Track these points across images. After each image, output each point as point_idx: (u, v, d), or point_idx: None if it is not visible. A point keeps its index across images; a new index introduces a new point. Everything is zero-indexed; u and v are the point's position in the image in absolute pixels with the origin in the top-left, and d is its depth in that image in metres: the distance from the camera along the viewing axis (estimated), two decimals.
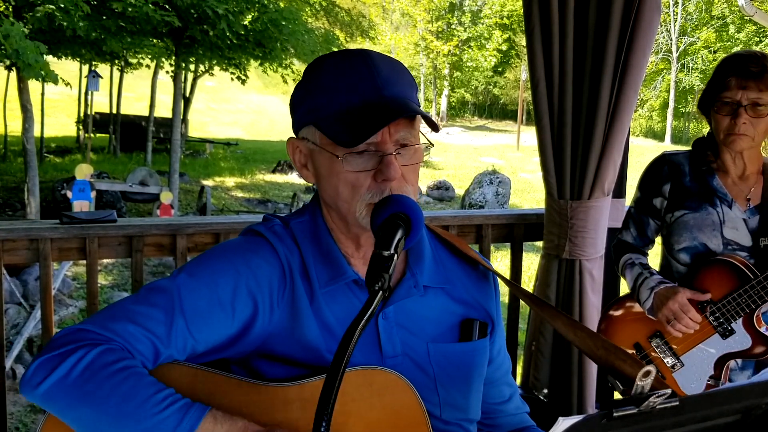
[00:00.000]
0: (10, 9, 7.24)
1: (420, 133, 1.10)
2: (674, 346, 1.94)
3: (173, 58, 11.29)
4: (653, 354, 1.98)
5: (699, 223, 1.89)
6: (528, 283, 5.75)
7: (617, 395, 2.66)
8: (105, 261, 7.21)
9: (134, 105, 20.47)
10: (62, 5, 7.67)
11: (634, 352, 2.00)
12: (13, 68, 8.52)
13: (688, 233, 1.91)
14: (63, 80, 8.41)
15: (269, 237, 1.11)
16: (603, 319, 2.12)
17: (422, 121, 1.08)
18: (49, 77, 7.41)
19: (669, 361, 1.95)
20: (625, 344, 2.02)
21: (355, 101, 1.03)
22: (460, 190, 14.07)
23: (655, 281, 1.94)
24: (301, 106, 1.10)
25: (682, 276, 1.95)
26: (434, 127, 1.08)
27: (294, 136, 1.14)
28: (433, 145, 1.10)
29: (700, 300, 1.87)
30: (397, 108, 1.02)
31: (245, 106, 29.63)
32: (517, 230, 2.66)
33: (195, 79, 17.33)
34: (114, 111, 16.47)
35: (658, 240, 2.10)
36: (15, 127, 14.27)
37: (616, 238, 2.14)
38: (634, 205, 2.08)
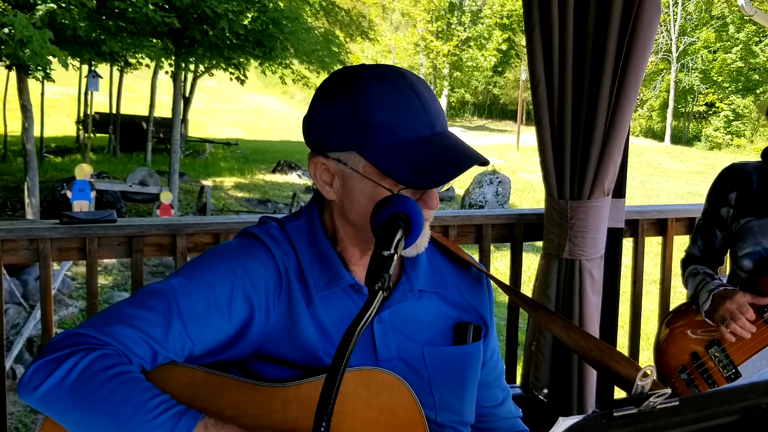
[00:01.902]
0: (10, 8, 7.23)
1: None
2: (731, 355, 1.90)
3: (173, 58, 11.29)
4: (710, 363, 1.94)
5: (763, 229, 1.86)
6: (528, 283, 5.75)
7: (617, 394, 2.66)
8: (105, 261, 7.21)
9: (134, 105, 20.47)
10: (63, 4, 7.66)
11: (691, 361, 1.96)
12: (14, 67, 8.52)
13: (751, 239, 1.88)
14: (73, 66, 8.35)
15: (265, 240, 1.10)
16: (662, 327, 2.08)
17: None
18: (60, 62, 7.39)
19: (726, 371, 1.91)
20: (682, 354, 1.99)
21: (412, 137, 1.03)
22: (460, 190, 14.08)
23: (715, 285, 1.90)
24: (338, 132, 1.05)
25: (744, 282, 1.92)
26: (486, 163, 1.07)
27: (319, 155, 1.08)
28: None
29: (761, 304, 1.83)
30: (469, 154, 1.03)
31: (245, 106, 29.63)
32: (517, 230, 2.65)
33: (195, 79, 17.34)
34: (114, 111, 16.47)
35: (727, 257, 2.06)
36: (15, 127, 14.26)
37: (684, 252, 2.12)
38: (702, 217, 2.06)
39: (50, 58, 7.41)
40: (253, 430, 0.97)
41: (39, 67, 7.82)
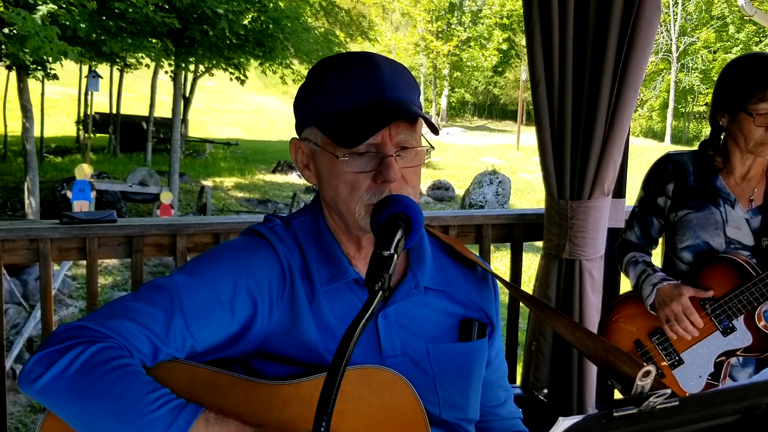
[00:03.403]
0: (12, 6, 7.23)
1: (422, 136, 1.10)
2: (674, 344, 1.95)
3: (173, 58, 11.29)
4: (653, 351, 1.99)
5: (702, 223, 1.90)
6: (528, 283, 5.75)
7: (617, 394, 2.67)
8: (105, 261, 7.21)
9: (134, 105, 20.46)
10: (63, 5, 7.66)
11: (635, 349, 2.01)
12: (15, 67, 8.52)
13: (691, 232, 1.91)
14: (79, 57, 8.29)
15: (270, 237, 1.11)
16: (604, 316, 2.13)
17: (424, 124, 1.09)
18: (70, 58, 7.36)
19: (669, 358, 1.96)
20: (626, 341, 2.03)
21: (356, 102, 1.04)
22: (459, 190, 14.08)
23: (658, 278, 1.94)
24: (303, 107, 1.11)
25: (684, 274, 1.95)
26: (434, 130, 1.09)
27: (297, 137, 1.15)
28: (434, 148, 1.11)
29: (703, 297, 1.88)
30: (397, 109, 1.03)
31: (245, 106, 29.63)
32: (517, 230, 2.65)
33: (195, 80, 17.33)
34: (114, 111, 16.46)
35: (661, 240, 2.10)
36: (15, 127, 14.26)
37: (619, 237, 2.15)
38: (638, 204, 2.09)
39: (60, 54, 7.39)
40: (256, 426, 0.97)
41: (39, 68, 7.79)
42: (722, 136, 1.94)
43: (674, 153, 2.02)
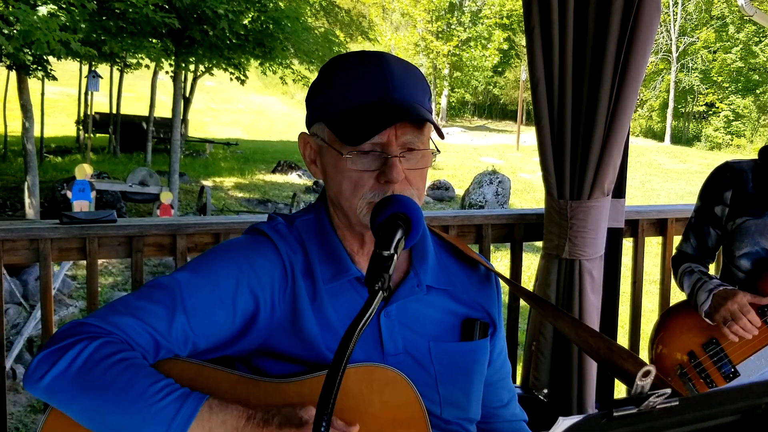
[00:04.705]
0: (10, 9, 7.24)
1: (430, 140, 1.10)
2: (730, 355, 1.90)
3: (173, 58, 11.29)
4: (707, 362, 1.94)
5: (761, 229, 1.86)
6: (528, 283, 5.75)
7: (617, 394, 2.66)
8: (105, 261, 7.21)
9: (134, 105, 20.46)
10: (63, 5, 7.67)
11: (688, 360, 1.96)
12: (15, 67, 8.52)
13: (749, 239, 1.88)
14: (82, 47, 8.29)
15: (272, 236, 1.11)
16: (658, 326, 2.08)
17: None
18: (73, 47, 7.36)
19: (724, 370, 1.91)
20: (679, 352, 1.98)
21: (364, 101, 1.05)
22: (459, 190, 14.08)
23: (714, 284, 1.91)
24: (313, 102, 1.12)
25: (742, 283, 1.91)
26: (440, 134, 1.09)
27: (306, 131, 1.16)
28: (439, 151, 1.12)
29: (761, 304, 1.84)
30: (405, 111, 1.03)
31: (245, 106, 29.63)
32: (517, 230, 2.65)
33: (195, 80, 17.34)
34: (114, 111, 16.46)
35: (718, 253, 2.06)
36: (15, 127, 14.26)
37: (675, 250, 2.11)
38: (694, 214, 2.05)
39: (63, 46, 7.37)
40: (259, 409, 0.97)
41: (39, 68, 7.76)
42: None
43: (733, 161, 2.00)
